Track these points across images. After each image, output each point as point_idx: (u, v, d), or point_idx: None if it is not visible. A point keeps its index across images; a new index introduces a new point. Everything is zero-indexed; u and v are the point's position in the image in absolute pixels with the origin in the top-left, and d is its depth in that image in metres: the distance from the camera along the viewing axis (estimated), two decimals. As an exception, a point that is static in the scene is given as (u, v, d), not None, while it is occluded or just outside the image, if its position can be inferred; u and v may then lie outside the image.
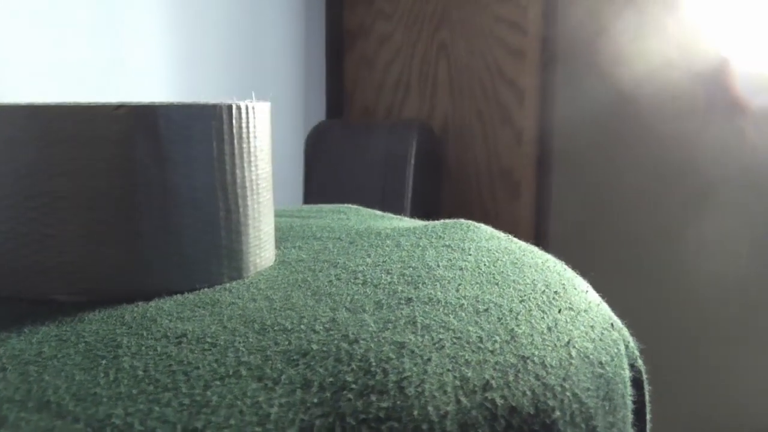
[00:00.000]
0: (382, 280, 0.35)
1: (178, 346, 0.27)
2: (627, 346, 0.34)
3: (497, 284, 0.34)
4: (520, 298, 0.32)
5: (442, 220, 0.49)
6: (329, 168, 1.26)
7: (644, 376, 0.36)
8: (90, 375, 0.24)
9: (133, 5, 0.89)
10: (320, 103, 1.31)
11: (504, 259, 0.39)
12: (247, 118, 0.36)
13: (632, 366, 0.34)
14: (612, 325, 0.33)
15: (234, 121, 0.35)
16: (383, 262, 0.38)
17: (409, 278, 0.35)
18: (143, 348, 0.27)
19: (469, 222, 0.48)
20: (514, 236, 0.46)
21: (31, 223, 0.32)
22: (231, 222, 0.35)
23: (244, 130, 0.36)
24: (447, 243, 0.42)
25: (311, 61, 1.29)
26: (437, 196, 1.38)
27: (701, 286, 1.22)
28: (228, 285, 0.35)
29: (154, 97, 0.94)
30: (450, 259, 0.38)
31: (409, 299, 0.31)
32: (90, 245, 0.32)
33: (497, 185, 1.36)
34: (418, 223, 0.50)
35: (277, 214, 0.53)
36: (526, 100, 1.31)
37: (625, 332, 0.35)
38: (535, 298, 0.33)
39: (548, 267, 0.39)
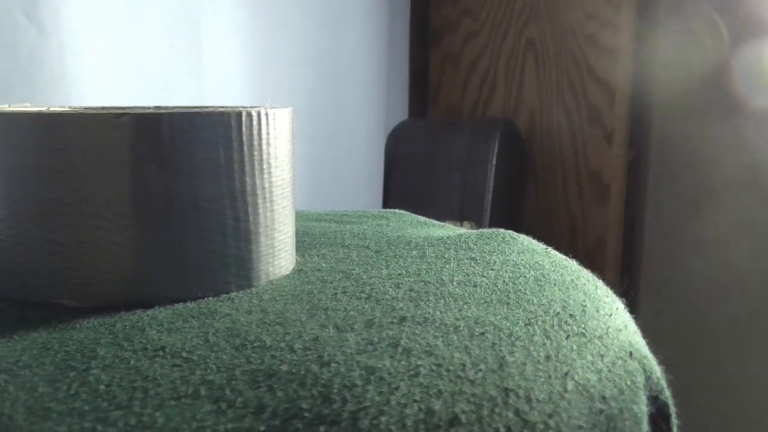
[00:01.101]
0: (387, 295, 0.33)
1: (152, 360, 0.26)
2: (649, 378, 0.31)
3: (507, 304, 0.32)
4: (527, 321, 0.30)
5: (480, 230, 0.47)
6: (409, 168, 1.25)
7: (672, 411, 0.33)
8: (53, 387, 0.24)
9: (212, 8, 0.90)
10: (403, 102, 1.30)
11: (528, 276, 0.37)
12: (259, 125, 0.35)
13: (654, 399, 0.31)
14: (630, 354, 0.31)
15: (244, 128, 0.34)
16: (398, 274, 0.37)
17: (415, 294, 0.33)
18: (117, 360, 0.26)
19: (507, 232, 0.46)
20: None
21: (36, 228, 0.32)
22: (240, 230, 0.35)
23: (255, 137, 0.35)
24: (473, 255, 0.40)
25: (394, 60, 1.28)
26: (520, 198, 1.34)
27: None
28: (234, 295, 0.34)
29: (235, 99, 0.96)
30: (468, 274, 0.37)
31: (403, 318, 0.30)
32: (92, 252, 0.32)
33: (585, 188, 1.31)
34: (456, 231, 0.48)
35: (316, 218, 0.52)
36: (617, 99, 1.26)
37: (650, 362, 0.32)
38: (544, 322, 0.30)
39: (576, 285, 0.36)
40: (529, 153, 1.33)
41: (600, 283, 0.39)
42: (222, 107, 0.45)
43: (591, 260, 1.29)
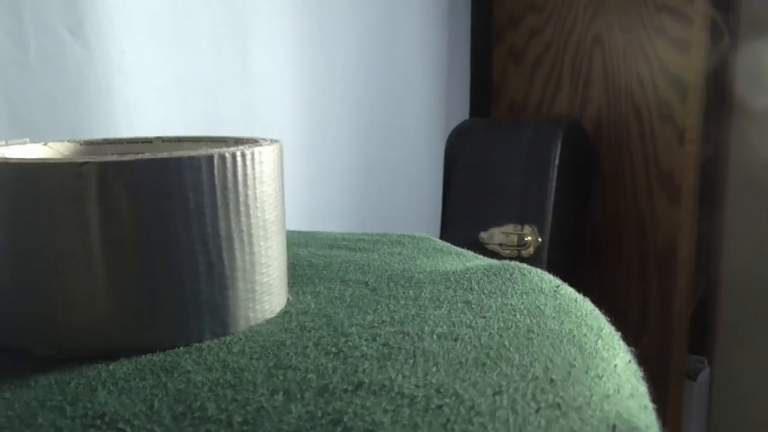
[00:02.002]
0: (357, 351, 0.31)
1: (86, 430, 0.25)
2: (636, 453, 0.28)
3: (483, 365, 0.30)
4: (497, 389, 0.28)
5: (492, 263, 0.44)
6: (470, 169, 1.21)
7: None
8: (-26, 463, 0.24)
9: (259, 15, 0.90)
10: (464, 101, 1.27)
11: (520, 325, 0.34)
12: (234, 166, 0.34)
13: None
14: (614, 427, 0.28)
15: (216, 171, 0.33)
16: (381, 322, 0.35)
17: (387, 351, 0.31)
18: (52, 430, 0.25)
19: (519, 268, 0.43)
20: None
21: (10, 278, 0.32)
22: (213, 276, 0.33)
23: (230, 179, 0.33)
24: (470, 298, 0.38)
25: (454, 58, 1.24)
26: (586, 199, 1.29)
27: None
28: (205, 344, 0.33)
29: (283, 107, 0.95)
30: (454, 323, 0.34)
31: (360, 385, 0.28)
32: (60, 301, 0.32)
33: (655, 189, 1.24)
34: (465, 264, 0.45)
35: (330, 245, 0.50)
36: (690, 95, 1.19)
37: (640, 432, 0.29)
38: (516, 390, 0.28)
39: (572, 338, 0.33)
40: (595, 152, 1.28)
41: (607, 330, 0.36)
42: (213, 138, 0.44)
43: (662, 263, 1.23)
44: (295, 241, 0.52)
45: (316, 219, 1.02)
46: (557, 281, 0.42)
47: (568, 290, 0.41)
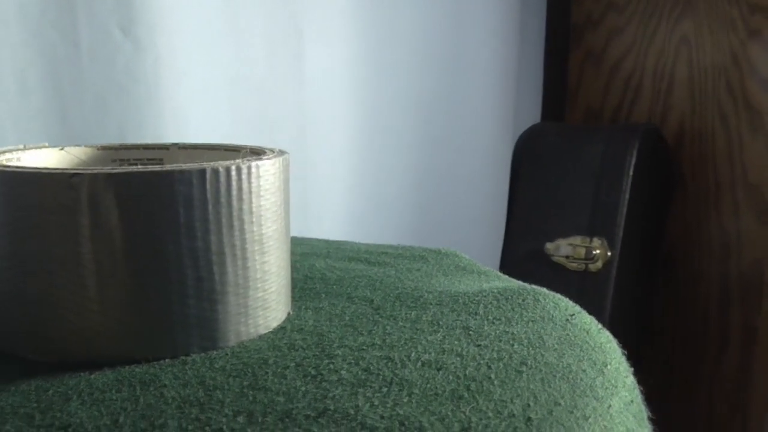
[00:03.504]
0: (333, 376, 0.32)
1: (48, 441, 0.27)
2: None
3: (459, 399, 0.30)
4: (466, 425, 0.28)
5: (508, 286, 0.44)
6: (538, 175, 1.20)
7: None
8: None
9: (316, 13, 0.91)
10: (535, 104, 1.25)
11: (514, 357, 0.34)
12: (228, 181, 0.35)
13: None
14: (587, 473, 0.27)
15: (208, 186, 0.34)
16: (370, 345, 0.35)
17: (364, 377, 0.31)
18: (15, 438, 0.27)
19: (535, 292, 0.42)
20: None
21: (3, 283, 0.34)
22: (202, 290, 0.35)
23: (223, 193, 0.35)
24: (470, 324, 0.38)
25: (527, 58, 1.23)
26: (663, 212, 1.25)
27: None
28: (191, 358, 0.34)
29: (340, 109, 0.96)
30: (444, 351, 0.34)
31: (324, 412, 0.28)
32: (51, 309, 0.33)
33: (742, 205, 1.20)
34: (481, 286, 0.45)
35: (350, 257, 0.51)
36: (784, 104, 1.13)
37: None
38: (487, 427, 0.28)
39: (567, 374, 0.33)
40: (675, 163, 1.24)
41: (613, 366, 0.36)
42: (228, 146, 0.46)
43: (746, 285, 1.18)
44: (317, 251, 0.53)
45: (368, 226, 1.03)
46: (574, 309, 0.42)
47: (582, 320, 0.40)
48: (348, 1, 0.94)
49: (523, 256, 1.20)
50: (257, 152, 0.43)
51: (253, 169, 0.36)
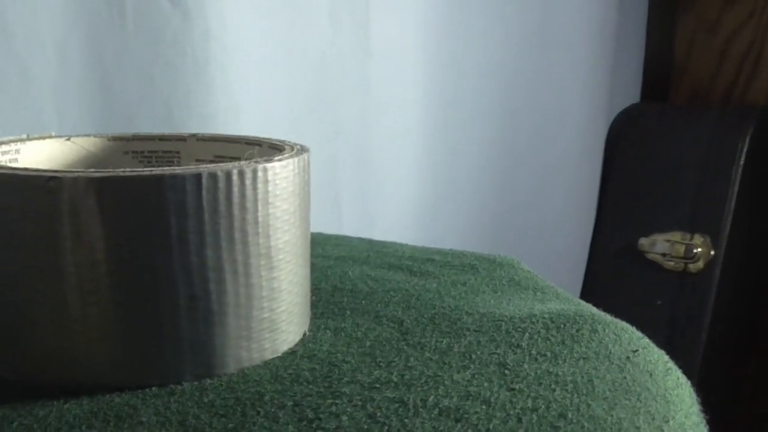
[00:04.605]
0: (334, 422, 0.29)
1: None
2: None
3: (473, 463, 0.26)
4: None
5: (563, 311, 0.40)
6: (634, 161, 1.14)
7: None
8: None
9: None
10: (634, 81, 1.18)
11: (554, 406, 0.30)
12: (228, 187, 0.32)
13: None
14: None
15: (205, 193, 0.32)
16: (386, 381, 0.32)
17: (366, 428, 0.29)
18: (-39, 482, 0.26)
19: (591, 321, 0.38)
20: None
21: (-23, 294, 0.33)
22: (197, 311, 0.32)
23: (222, 201, 0.32)
24: (508, 360, 0.34)
25: (627, 27, 1.16)
26: (779, 207, 1.17)
27: None
28: (182, 387, 0.32)
29: (409, 83, 0.93)
30: (471, 395, 0.31)
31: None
32: (29, 327, 0.32)
33: None
34: (533, 308, 0.41)
35: (390, 264, 0.48)
36: None
37: None
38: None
39: (616, 431, 0.29)
40: (796, 152, 1.15)
41: (678, 421, 0.32)
42: (250, 139, 0.43)
43: None
44: (355, 255, 0.50)
45: (439, 215, 1.00)
46: (639, 344, 0.38)
47: (647, 358, 0.36)
48: (420, -36, 0.91)
49: (613, 252, 1.14)
50: (278, 147, 0.40)
51: (260, 173, 0.33)
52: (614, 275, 1.13)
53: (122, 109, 0.75)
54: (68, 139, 0.43)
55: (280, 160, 0.35)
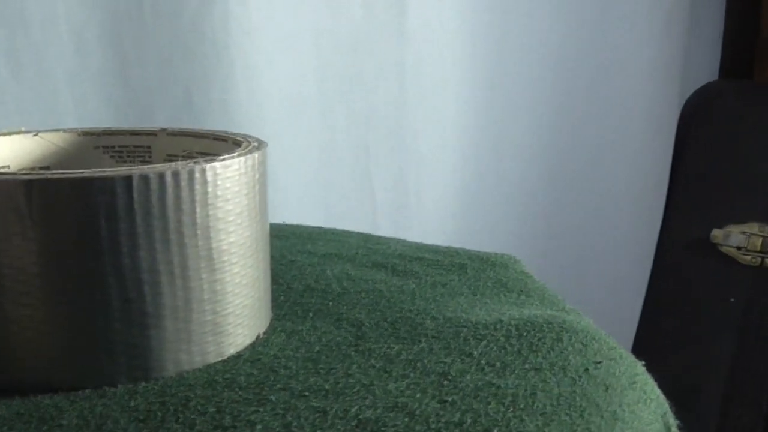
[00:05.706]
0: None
1: None
2: None
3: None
4: None
5: (531, 317, 0.40)
6: (709, 145, 1.11)
7: None
8: None
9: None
10: (712, 55, 1.15)
11: (480, 421, 0.31)
12: (162, 189, 0.34)
13: None
14: None
15: (136, 195, 0.33)
16: (317, 390, 0.33)
17: (277, 437, 0.30)
18: None
19: (556, 330, 0.38)
20: None
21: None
22: (131, 313, 0.34)
23: (155, 204, 0.34)
24: (451, 370, 0.35)
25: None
26: None
27: None
28: (111, 390, 0.34)
29: (448, 68, 0.93)
30: (399, 407, 0.32)
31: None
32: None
33: None
34: (503, 315, 0.41)
35: (375, 262, 0.49)
36: None
37: None
38: None
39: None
40: None
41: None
42: (217, 134, 0.45)
43: None
44: (342, 253, 0.51)
45: (483, 206, 0.99)
46: (607, 355, 0.37)
47: (612, 370, 0.36)
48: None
49: (684, 244, 1.11)
50: (239, 143, 0.41)
51: (197, 175, 0.35)
52: (684, 269, 1.10)
53: (141, 96, 0.77)
54: (36, 135, 0.46)
55: (222, 160, 0.36)
